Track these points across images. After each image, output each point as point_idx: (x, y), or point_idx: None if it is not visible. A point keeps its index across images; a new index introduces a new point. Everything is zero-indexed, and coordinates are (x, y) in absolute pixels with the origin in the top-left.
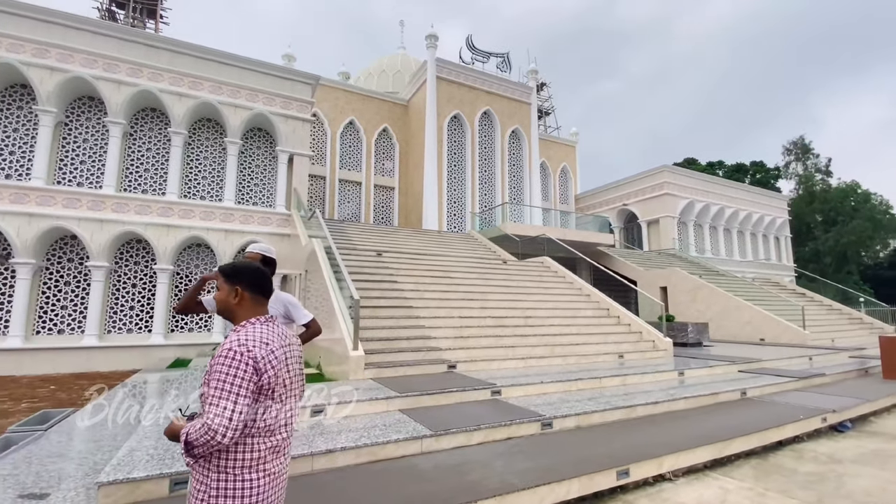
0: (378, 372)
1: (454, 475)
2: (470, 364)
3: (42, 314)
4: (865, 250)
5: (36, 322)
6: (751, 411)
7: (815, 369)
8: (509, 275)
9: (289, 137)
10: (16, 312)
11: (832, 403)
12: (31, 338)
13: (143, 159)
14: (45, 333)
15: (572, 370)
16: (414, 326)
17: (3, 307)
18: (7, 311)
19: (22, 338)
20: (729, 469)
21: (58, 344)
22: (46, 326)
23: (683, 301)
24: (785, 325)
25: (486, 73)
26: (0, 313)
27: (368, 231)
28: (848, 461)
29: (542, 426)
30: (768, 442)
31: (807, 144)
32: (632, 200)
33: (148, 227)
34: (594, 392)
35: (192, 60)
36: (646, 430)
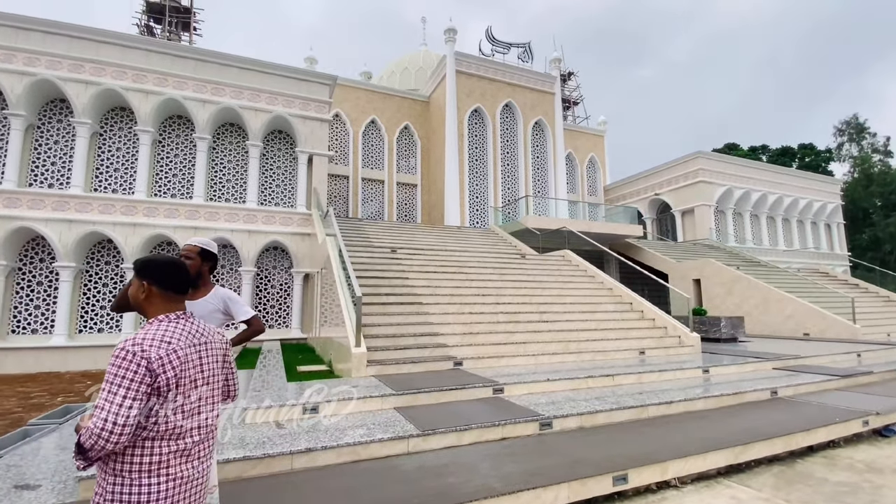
0: (381, 369)
1: (434, 477)
2: (477, 361)
3: (83, 314)
4: None
5: (78, 321)
6: (779, 413)
7: (863, 367)
8: (526, 269)
9: (308, 138)
10: (60, 312)
11: (877, 405)
12: (75, 336)
13: (171, 165)
14: (86, 332)
15: (585, 367)
16: (422, 323)
17: (49, 308)
18: (53, 311)
19: (66, 336)
20: (746, 476)
21: (97, 342)
22: (88, 325)
23: (718, 294)
24: (832, 319)
25: (506, 65)
26: (46, 314)
27: (387, 228)
28: (889, 471)
29: (540, 426)
30: (796, 447)
31: (861, 123)
32: (664, 190)
33: (176, 229)
34: (605, 391)
35: (214, 67)
36: (655, 433)
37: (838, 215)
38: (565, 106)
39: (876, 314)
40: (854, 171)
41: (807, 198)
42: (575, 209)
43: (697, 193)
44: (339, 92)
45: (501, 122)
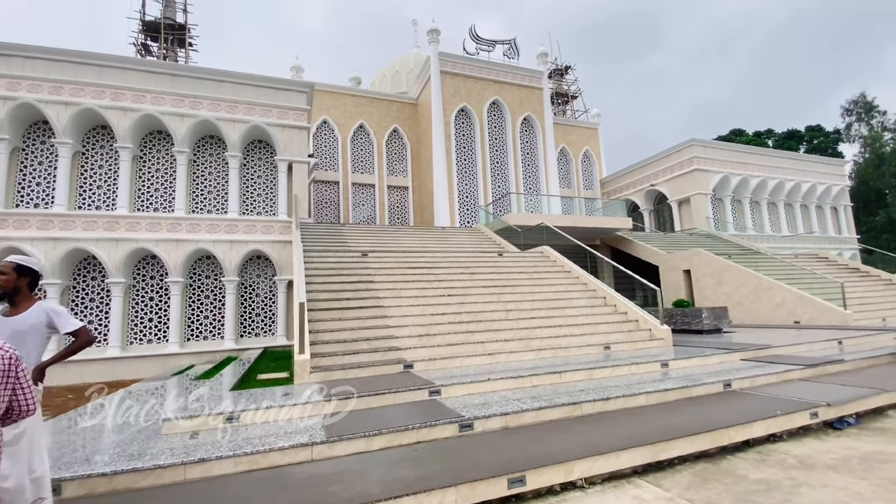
0: (325, 375)
1: (320, 486)
2: (430, 363)
3: None
4: None
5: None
6: (723, 407)
7: (837, 355)
8: (500, 268)
9: (287, 146)
10: None
11: (833, 396)
12: None
13: (152, 179)
14: None
15: (540, 365)
16: (380, 326)
17: None
18: None
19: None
20: (663, 475)
21: (84, 357)
22: None
23: (709, 284)
24: (822, 306)
25: (491, 62)
26: None
27: (368, 232)
28: (822, 467)
29: (460, 428)
30: (728, 442)
31: (870, 102)
32: (660, 180)
33: (159, 243)
34: (551, 388)
35: (190, 81)
36: (580, 431)
37: (844, 198)
38: (563, 100)
39: (873, 298)
40: (865, 152)
41: (810, 181)
42: (570, 205)
43: (693, 182)
44: (326, 99)
45: (489, 121)
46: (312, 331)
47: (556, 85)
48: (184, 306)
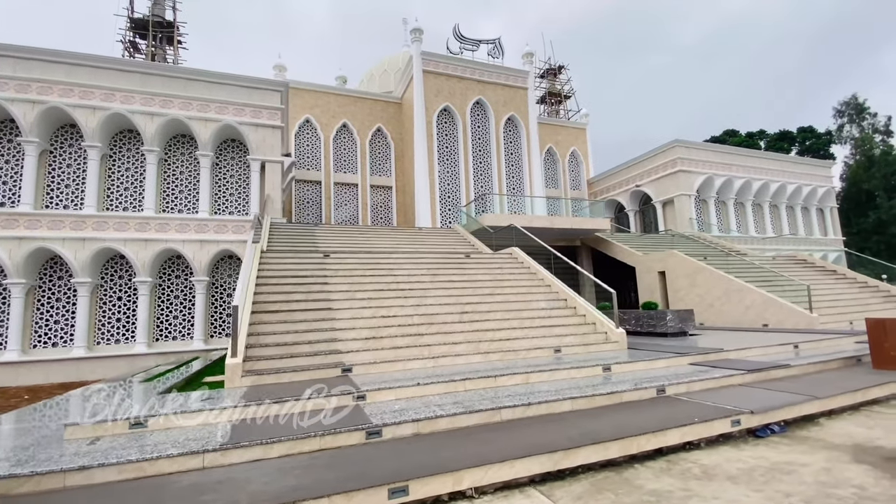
0: (258, 379)
1: (192, 495)
2: (370, 367)
3: (37, 329)
4: None
5: (32, 336)
6: (647, 413)
7: (786, 360)
8: (465, 269)
9: (260, 146)
10: (13, 329)
11: (764, 402)
12: (28, 351)
13: (122, 178)
14: (40, 347)
15: (479, 368)
16: (326, 329)
17: (3, 324)
18: (6, 327)
19: (19, 351)
20: (560, 484)
21: (50, 356)
22: (42, 340)
23: (683, 286)
24: (789, 308)
25: (475, 62)
26: (0, 330)
27: (341, 232)
28: (723, 477)
29: (367, 435)
30: (637, 450)
31: (861, 103)
32: (645, 181)
33: (127, 242)
34: (483, 392)
35: (161, 80)
36: (490, 438)
37: (830, 199)
38: (557, 100)
39: (847, 301)
40: (855, 154)
41: (795, 183)
42: (557, 205)
43: (676, 183)
44: (308, 98)
45: (472, 120)
46: (255, 333)
47: (549, 85)
48: (152, 306)
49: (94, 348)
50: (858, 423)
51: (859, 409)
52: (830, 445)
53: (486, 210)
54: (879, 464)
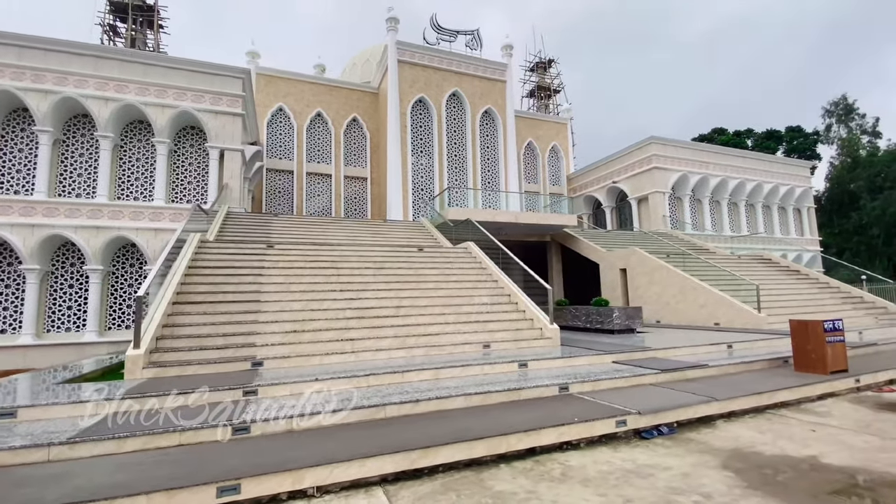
0: (159, 371)
1: (7, 488)
2: (284, 361)
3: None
4: None
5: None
6: (537, 411)
7: (706, 360)
8: (415, 263)
9: (219, 133)
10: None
11: (658, 403)
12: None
13: (76, 164)
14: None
15: (392, 364)
16: (248, 322)
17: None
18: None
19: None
20: (411, 484)
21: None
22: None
23: (642, 283)
24: (739, 308)
25: (452, 53)
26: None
27: (301, 223)
28: (577, 480)
29: (233, 431)
30: (507, 450)
31: (850, 104)
32: (621, 177)
33: (78, 229)
34: (389, 388)
35: (115, 64)
36: (358, 435)
37: (808, 200)
38: (546, 94)
39: (803, 301)
40: (841, 154)
41: (772, 182)
42: (535, 200)
43: (651, 180)
44: (282, 85)
45: (447, 112)
46: (171, 325)
47: (539, 79)
48: (104, 295)
49: (44, 336)
50: (753, 427)
51: (763, 413)
52: (708, 449)
53: (461, 204)
54: (745, 471)
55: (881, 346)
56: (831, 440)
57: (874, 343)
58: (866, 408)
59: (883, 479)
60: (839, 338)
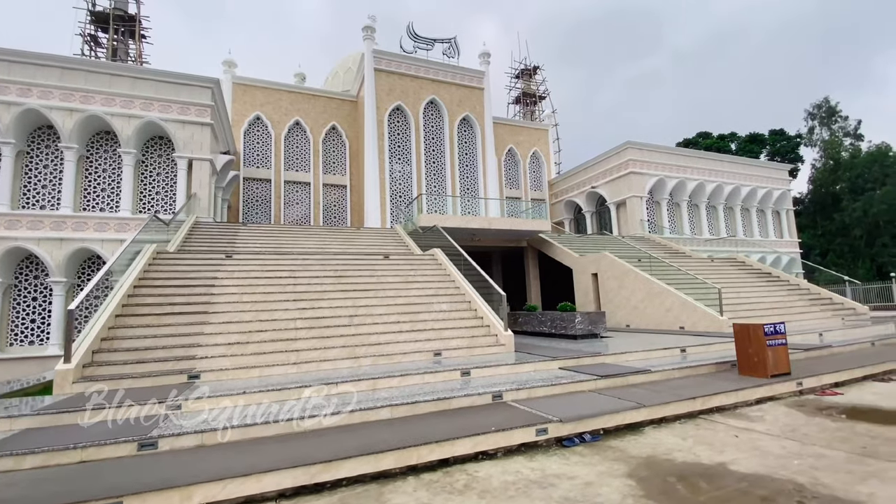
0: (90, 386)
1: None
2: (222, 373)
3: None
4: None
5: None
6: (462, 420)
7: (655, 365)
8: (378, 271)
9: (187, 143)
10: None
11: (585, 410)
12: None
13: (40, 176)
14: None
15: (333, 376)
16: (193, 333)
17: None
18: None
19: None
20: (311, 499)
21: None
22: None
23: (612, 287)
24: (702, 312)
25: (429, 61)
26: None
27: (269, 232)
28: (477, 491)
29: (139, 447)
30: (419, 461)
31: (833, 107)
32: (600, 182)
33: (41, 241)
34: (316, 400)
35: (81, 75)
36: (267, 450)
37: (786, 202)
38: (532, 101)
39: (770, 304)
40: (823, 156)
41: (750, 185)
42: (516, 206)
43: (628, 185)
44: (259, 94)
45: (425, 120)
46: (111, 338)
47: (524, 85)
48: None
49: (6, 350)
50: (678, 434)
51: (696, 418)
52: (624, 457)
53: (440, 210)
54: (648, 479)
55: (836, 349)
56: (749, 446)
57: (830, 345)
58: (801, 412)
59: (783, 487)
60: (781, 341)
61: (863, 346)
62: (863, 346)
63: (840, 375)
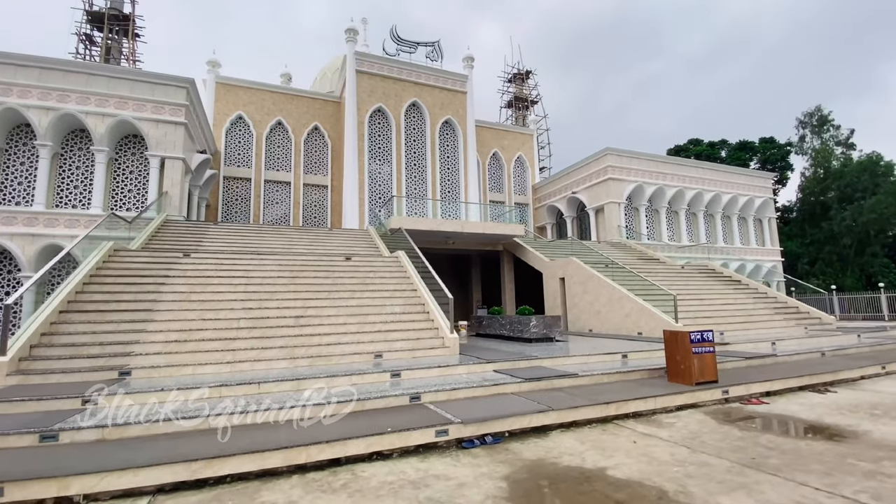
0: (23, 379)
1: None
2: (154, 370)
3: None
4: (891, 228)
5: None
6: (373, 421)
7: (590, 369)
8: (336, 272)
9: (160, 142)
10: None
11: (492, 412)
12: None
13: (16, 173)
14: None
15: (259, 377)
16: (133, 331)
17: None
18: None
19: None
20: (187, 494)
21: None
22: None
23: (577, 292)
24: (658, 318)
25: (412, 64)
26: None
27: (234, 231)
28: (349, 491)
29: (41, 439)
30: (309, 461)
31: (825, 115)
32: (580, 188)
33: (13, 237)
34: (236, 399)
35: (58, 74)
36: (168, 444)
37: (768, 210)
38: (525, 105)
39: (733, 311)
40: (813, 165)
41: (731, 192)
42: (500, 209)
43: (607, 191)
44: (242, 94)
45: (406, 122)
46: (51, 332)
47: (517, 90)
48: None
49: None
50: (580, 438)
51: (609, 423)
52: (514, 460)
53: (420, 213)
54: (521, 482)
55: (781, 358)
56: (640, 452)
57: (774, 355)
58: (714, 420)
59: (646, 493)
60: (708, 348)
61: (812, 356)
62: (812, 356)
63: (773, 385)
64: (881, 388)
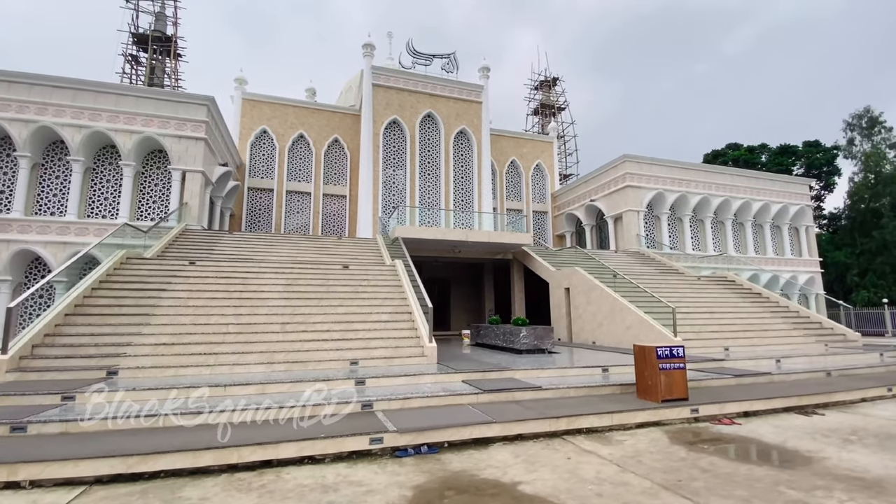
0: (21, 376)
1: None
2: (140, 371)
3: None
4: None
5: None
6: (317, 427)
7: (557, 383)
8: (331, 281)
9: (181, 156)
10: None
11: (437, 422)
12: None
13: (51, 185)
14: None
15: (231, 380)
16: (129, 333)
17: None
18: None
19: None
20: (117, 486)
21: None
22: None
23: (581, 303)
24: (658, 331)
25: (428, 76)
26: None
27: (246, 241)
28: (261, 492)
29: (11, 430)
30: (240, 461)
31: (875, 117)
32: (598, 196)
33: (47, 245)
34: (200, 400)
35: (91, 95)
36: (120, 439)
37: (805, 218)
38: (551, 112)
39: (746, 326)
40: (862, 170)
41: (762, 199)
42: (516, 219)
43: (625, 199)
44: (266, 109)
45: (421, 133)
46: (54, 334)
47: (544, 97)
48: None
49: None
50: (518, 452)
51: (557, 437)
52: (436, 469)
53: (431, 223)
54: (427, 492)
55: (777, 376)
56: (568, 469)
57: (771, 373)
58: (669, 439)
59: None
60: (678, 364)
61: (816, 375)
62: (816, 375)
63: (753, 405)
64: (877, 411)
